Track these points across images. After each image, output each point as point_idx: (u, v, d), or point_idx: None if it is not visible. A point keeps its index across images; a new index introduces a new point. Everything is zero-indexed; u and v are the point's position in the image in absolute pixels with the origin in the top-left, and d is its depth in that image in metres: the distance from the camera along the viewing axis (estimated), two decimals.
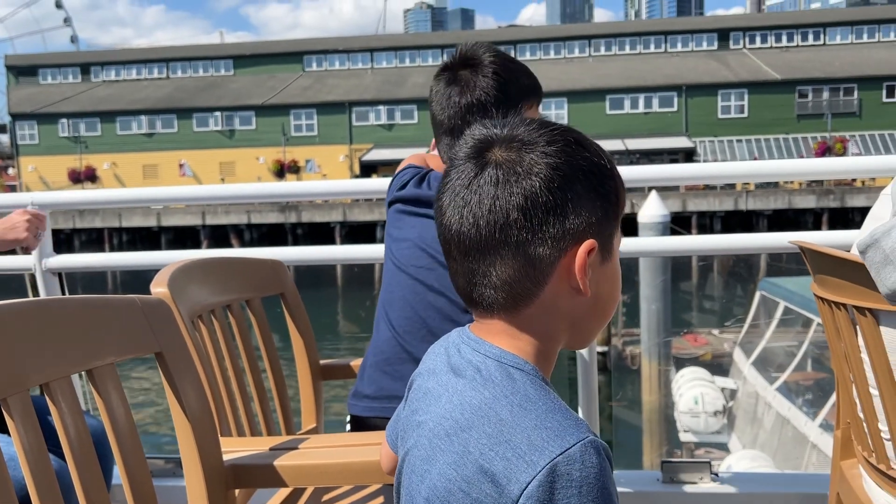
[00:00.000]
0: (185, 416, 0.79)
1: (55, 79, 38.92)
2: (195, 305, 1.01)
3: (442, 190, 0.62)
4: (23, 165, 35.48)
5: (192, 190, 1.63)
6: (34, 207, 1.51)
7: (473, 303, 0.61)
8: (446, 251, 0.62)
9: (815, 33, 35.81)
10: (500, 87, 1.10)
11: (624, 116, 32.56)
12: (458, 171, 0.61)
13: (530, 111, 1.14)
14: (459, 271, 0.61)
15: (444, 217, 0.61)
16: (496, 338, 0.61)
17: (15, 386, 0.66)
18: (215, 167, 34.28)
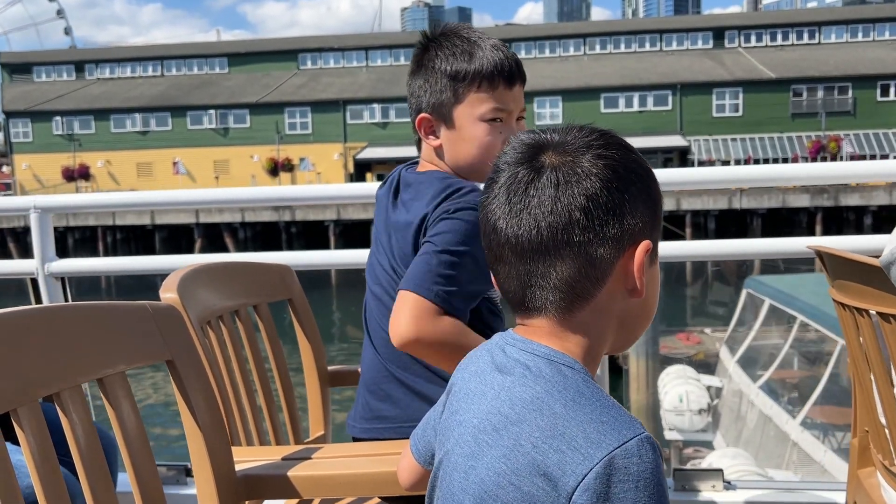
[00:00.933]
0: (197, 425, 0.77)
1: (49, 76, 38.66)
2: (204, 311, 0.99)
3: (490, 195, 0.63)
4: (17, 163, 35.24)
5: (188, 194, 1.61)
6: (37, 212, 1.48)
7: (523, 305, 0.62)
8: (496, 255, 0.62)
9: (811, 32, 35.95)
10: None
11: (619, 115, 32.61)
12: (509, 175, 0.61)
13: (473, 98, 1.05)
14: (513, 274, 0.61)
15: (498, 222, 0.61)
16: (544, 339, 0.61)
17: (25, 396, 0.64)
18: (209, 165, 34.14)
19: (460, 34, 1.07)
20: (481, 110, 1.04)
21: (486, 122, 1.04)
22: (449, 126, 1.06)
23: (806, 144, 30.99)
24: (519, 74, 1.07)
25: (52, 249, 1.53)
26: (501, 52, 1.05)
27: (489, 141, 1.05)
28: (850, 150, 30.36)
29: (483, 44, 1.05)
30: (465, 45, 1.05)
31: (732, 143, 32.04)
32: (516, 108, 1.07)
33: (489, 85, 1.04)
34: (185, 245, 25.47)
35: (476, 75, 1.04)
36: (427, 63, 1.06)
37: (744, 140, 32.05)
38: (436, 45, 1.07)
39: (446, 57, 1.05)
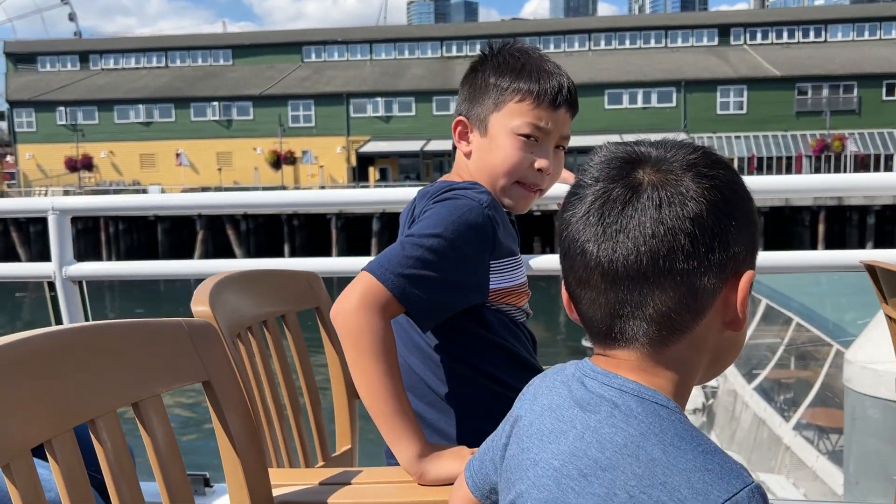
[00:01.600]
0: (234, 448, 0.75)
1: (54, 66, 38.57)
2: (235, 322, 0.96)
3: (574, 214, 0.57)
4: (20, 153, 35.20)
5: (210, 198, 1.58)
6: (55, 213, 1.45)
7: (609, 336, 0.57)
8: (581, 279, 0.57)
9: (817, 30, 35.75)
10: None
11: (622, 111, 32.50)
12: (601, 192, 0.56)
13: (512, 108, 1.00)
14: (600, 301, 0.56)
15: (588, 244, 0.55)
16: (631, 373, 0.56)
17: (58, 426, 0.61)
18: (212, 157, 34.08)
19: (519, 51, 1.04)
20: (516, 122, 0.99)
21: (519, 136, 0.99)
22: (482, 132, 1.02)
23: (810, 143, 30.86)
24: (568, 100, 1.01)
25: (70, 252, 1.49)
26: (556, 75, 1.01)
27: (517, 157, 0.99)
28: (854, 149, 30.23)
29: (542, 63, 1.02)
30: (521, 59, 1.02)
31: (736, 140, 31.92)
32: (556, 133, 1.02)
33: (532, 98, 0.99)
34: (187, 236, 25.45)
35: (520, 85, 0.99)
36: (478, 71, 1.03)
37: (748, 138, 31.93)
38: (492, 57, 1.04)
39: (497, 66, 1.02)
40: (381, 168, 34.01)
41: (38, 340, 0.62)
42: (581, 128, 34.06)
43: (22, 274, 1.55)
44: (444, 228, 0.89)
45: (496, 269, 0.96)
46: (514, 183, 1.01)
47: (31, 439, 0.59)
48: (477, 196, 0.94)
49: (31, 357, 0.61)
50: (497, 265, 0.96)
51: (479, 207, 0.92)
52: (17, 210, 1.63)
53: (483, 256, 0.93)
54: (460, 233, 0.89)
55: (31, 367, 0.61)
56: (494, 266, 0.96)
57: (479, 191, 0.96)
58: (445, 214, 0.90)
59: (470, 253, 0.91)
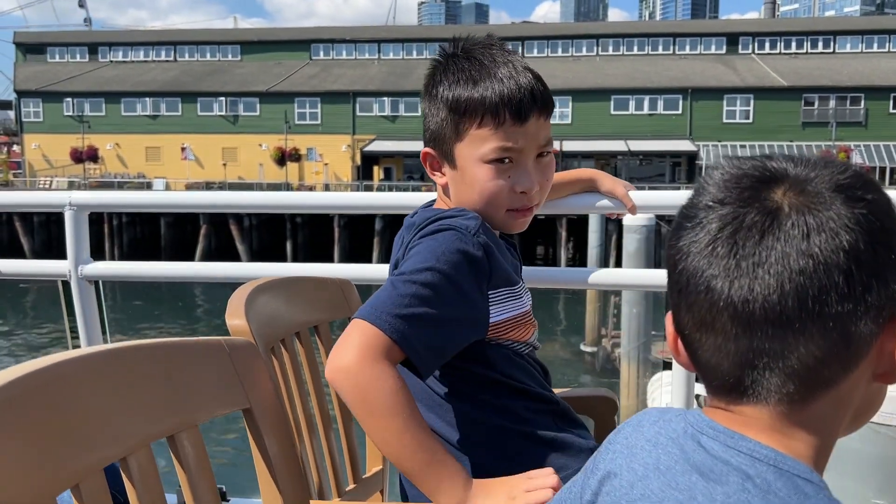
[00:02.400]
0: (276, 482, 0.70)
1: (63, 57, 38.59)
2: (269, 336, 0.90)
3: (695, 243, 0.48)
4: (27, 143, 35.21)
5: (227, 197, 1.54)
6: (72, 209, 1.40)
7: (737, 389, 0.47)
8: (702, 322, 0.47)
9: (825, 41, 35.66)
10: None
11: (628, 117, 32.43)
12: (729, 218, 0.46)
13: (474, 136, 0.88)
14: (728, 349, 0.47)
15: (714, 281, 0.46)
16: (762, 435, 0.46)
17: (86, 467, 0.54)
18: (218, 152, 34.06)
19: (475, 55, 0.90)
20: (483, 150, 0.88)
21: (489, 163, 0.88)
22: (451, 165, 0.91)
23: (815, 154, 30.74)
24: (536, 106, 0.88)
25: (87, 250, 1.43)
26: (514, 81, 0.87)
27: (493, 186, 0.89)
28: (859, 160, 30.15)
29: (496, 69, 0.88)
30: (475, 69, 0.88)
31: (742, 149, 31.83)
32: (532, 146, 0.89)
33: (493, 120, 0.87)
34: (190, 231, 25.42)
35: (477, 108, 0.87)
36: (434, 84, 0.91)
37: (753, 147, 31.82)
38: (447, 64, 0.91)
39: (450, 82, 0.89)
40: (386, 167, 33.98)
41: (66, 367, 0.55)
42: (586, 133, 33.88)
43: (36, 272, 1.49)
44: (436, 261, 0.81)
45: (495, 300, 0.87)
46: (505, 211, 0.92)
47: (57, 485, 0.51)
48: (465, 223, 0.86)
49: (58, 387, 0.54)
50: (495, 296, 0.87)
51: (469, 235, 0.85)
52: (33, 204, 1.58)
53: (480, 287, 0.85)
54: (453, 263, 0.81)
55: (58, 399, 0.53)
56: (493, 297, 0.87)
57: (468, 217, 0.87)
58: (435, 246, 0.83)
59: (466, 284, 0.83)
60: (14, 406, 0.49)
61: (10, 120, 39.72)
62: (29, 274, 1.51)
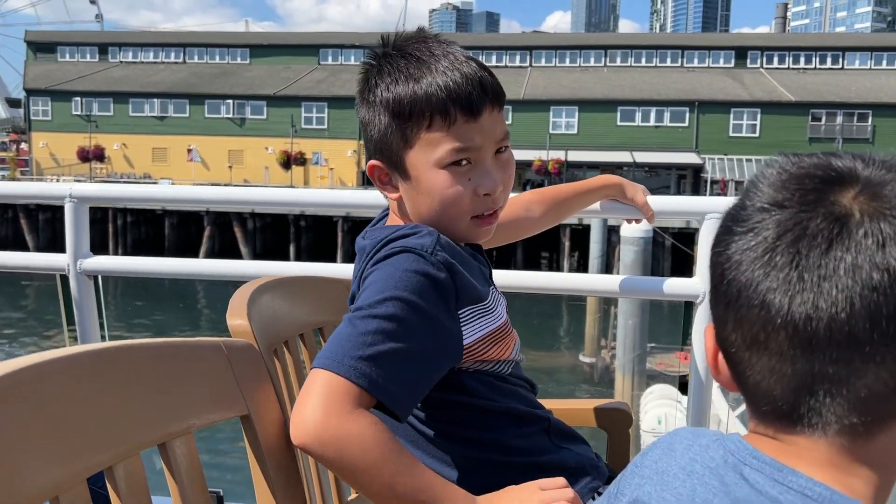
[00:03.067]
0: (273, 494, 0.65)
1: (73, 57, 38.88)
2: (272, 337, 0.85)
3: (747, 251, 0.42)
4: (34, 141, 35.42)
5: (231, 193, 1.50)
6: (73, 201, 1.37)
7: (791, 417, 0.42)
8: (758, 341, 0.42)
9: (834, 57, 35.66)
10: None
11: (634, 129, 32.45)
12: (789, 224, 0.41)
13: (425, 140, 0.79)
14: (784, 372, 0.41)
15: (771, 294, 0.41)
16: (816, 469, 0.41)
17: (70, 478, 0.49)
18: (224, 154, 34.18)
19: (409, 50, 0.80)
20: (437, 154, 0.78)
21: (445, 168, 0.79)
22: (403, 176, 0.82)
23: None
24: (487, 98, 0.79)
25: (87, 244, 1.38)
26: (458, 73, 0.77)
27: (454, 193, 0.79)
28: None
29: (435, 62, 0.78)
30: (412, 66, 0.78)
31: (748, 163, 31.79)
32: (489, 142, 0.80)
33: (443, 119, 0.77)
34: (194, 232, 25.47)
35: (423, 108, 0.77)
36: (369, 88, 0.82)
37: (759, 161, 31.76)
38: (380, 65, 0.81)
39: (388, 83, 0.79)
40: None
41: (49, 367, 0.50)
42: (591, 143, 33.87)
43: (34, 265, 1.46)
44: (395, 288, 0.72)
45: (465, 319, 0.80)
46: (469, 219, 0.82)
47: (33, 498, 0.46)
48: (420, 242, 0.77)
49: (39, 389, 0.49)
50: (465, 315, 0.80)
51: (428, 254, 0.76)
52: (33, 195, 1.54)
53: (448, 309, 0.77)
54: (415, 288, 0.73)
55: (36, 402, 0.48)
56: (463, 316, 0.79)
57: (422, 234, 0.78)
58: (391, 272, 0.74)
59: (433, 309, 0.74)
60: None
61: (20, 118, 39.99)
62: (27, 267, 1.47)
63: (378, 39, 0.85)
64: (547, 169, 30.15)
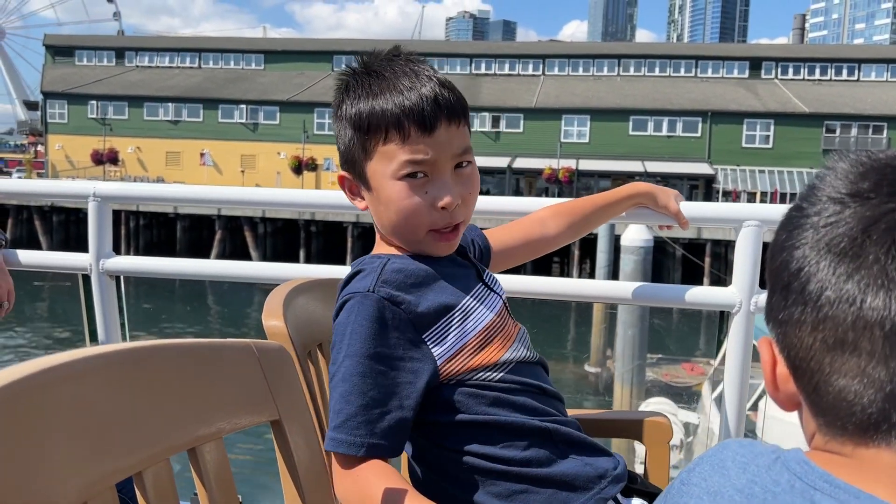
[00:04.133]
0: (302, 501, 0.63)
1: (91, 61, 39.44)
2: (308, 339, 0.84)
3: (823, 243, 0.40)
4: (50, 143, 35.90)
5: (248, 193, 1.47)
6: (96, 200, 1.36)
7: (879, 427, 0.38)
8: (844, 341, 0.39)
9: (850, 68, 35.41)
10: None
11: (646, 138, 32.36)
12: (875, 213, 0.39)
13: (381, 153, 0.82)
14: (877, 378, 0.38)
15: (863, 295, 0.38)
16: (893, 489, 0.37)
17: (97, 482, 0.47)
18: (236, 159, 34.45)
19: (375, 68, 0.85)
20: (392, 166, 0.81)
21: (401, 179, 0.81)
22: (367, 187, 0.85)
23: None
24: (442, 113, 0.81)
25: (110, 244, 1.39)
26: (415, 92, 0.81)
27: (410, 204, 0.81)
28: None
29: (396, 80, 0.82)
30: (375, 83, 0.83)
31: (760, 174, 31.58)
32: (445, 156, 0.82)
33: (398, 133, 0.80)
34: (206, 236, 25.64)
35: (379, 122, 0.80)
36: (339, 103, 0.86)
37: (772, 173, 31.56)
38: (349, 81, 0.86)
39: (352, 99, 0.84)
40: None
41: (82, 365, 0.47)
42: (603, 152, 33.76)
43: (57, 264, 1.45)
44: (348, 345, 0.75)
45: (434, 337, 0.79)
46: (426, 232, 0.83)
47: (64, 501, 0.44)
48: (361, 284, 0.79)
49: (71, 388, 0.47)
50: (433, 334, 0.79)
51: (365, 296, 0.77)
52: (57, 194, 1.54)
53: (407, 339, 0.77)
54: (363, 338, 0.75)
55: (66, 402, 0.46)
56: (430, 336, 0.79)
57: (364, 274, 0.80)
58: (340, 329, 0.77)
59: (387, 348, 0.76)
60: (12, 409, 0.42)
61: (38, 120, 40.62)
62: (49, 266, 1.47)
63: (391, 46, 0.89)
64: (557, 177, 30.11)
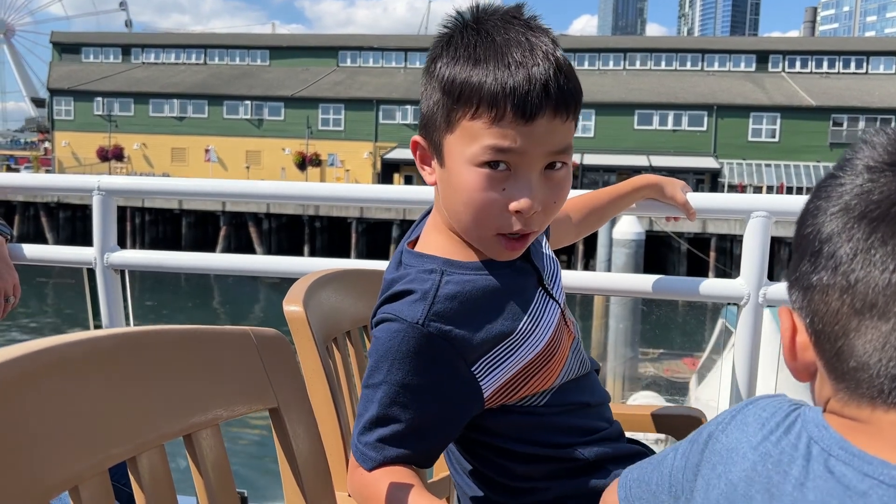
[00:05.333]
0: (302, 491, 0.62)
1: (97, 58, 39.58)
2: (331, 327, 0.83)
3: (856, 213, 0.40)
4: (57, 140, 36.07)
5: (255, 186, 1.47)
6: (101, 194, 1.36)
7: (892, 392, 0.38)
8: (874, 305, 0.39)
9: (858, 61, 35.11)
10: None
11: (651, 132, 32.22)
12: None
13: (466, 128, 0.71)
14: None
15: (891, 255, 0.38)
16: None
17: (91, 467, 0.47)
18: (241, 155, 34.53)
19: (488, 28, 0.71)
20: (473, 148, 0.69)
21: (479, 167, 0.70)
22: (440, 161, 0.74)
23: None
24: (549, 102, 0.68)
25: (115, 237, 1.39)
26: (525, 69, 0.68)
27: (481, 199, 0.70)
28: None
29: (508, 50, 0.69)
30: (482, 47, 0.70)
31: (766, 168, 31.40)
32: (538, 151, 0.69)
33: (489, 111, 0.68)
34: (211, 231, 25.73)
35: (472, 93, 0.68)
36: (434, 59, 0.74)
37: (778, 167, 31.38)
38: (452, 35, 0.73)
39: (450, 58, 0.71)
40: (406, 175, 34.14)
41: (71, 350, 0.47)
42: (608, 147, 33.61)
43: (62, 258, 1.45)
44: (388, 370, 0.70)
45: (483, 369, 0.73)
46: (493, 235, 0.73)
47: (52, 488, 0.44)
48: (410, 311, 0.71)
49: (61, 373, 0.46)
50: (482, 365, 0.73)
51: (414, 329, 0.70)
52: (62, 188, 1.54)
53: (452, 372, 0.72)
54: (406, 369, 0.69)
55: (58, 387, 0.46)
56: (478, 368, 0.73)
57: (414, 298, 0.71)
58: (381, 350, 0.71)
59: (430, 380, 0.70)
60: (3, 393, 0.42)
61: (45, 117, 40.91)
62: (54, 261, 1.47)
63: (396, 42, 0.80)
64: None
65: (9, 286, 1.26)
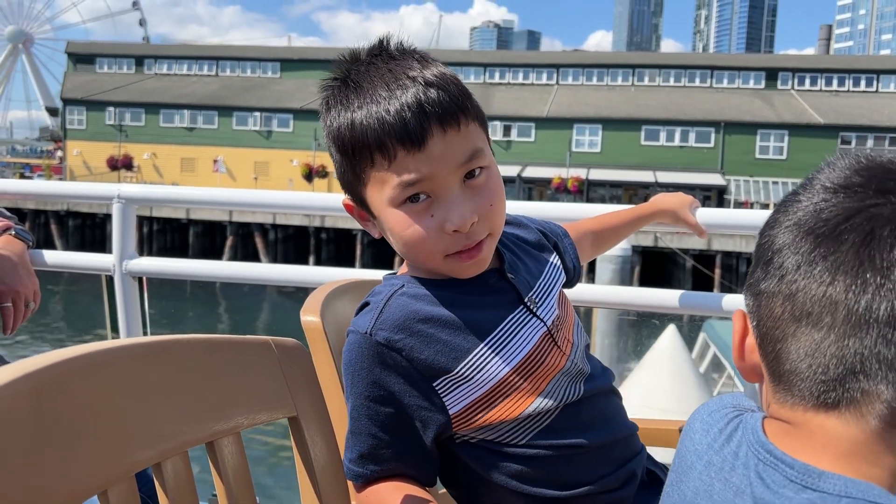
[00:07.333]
0: (320, 499, 0.63)
1: (111, 68, 40.10)
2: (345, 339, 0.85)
3: (806, 228, 0.43)
4: (69, 149, 36.48)
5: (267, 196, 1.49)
6: (120, 202, 1.38)
7: (829, 398, 0.40)
8: (809, 315, 0.41)
9: (868, 80, 35.08)
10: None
11: (658, 148, 32.23)
12: (857, 207, 0.42)
13: (373, 178, 0.71)
14: (830, 352, 0.40)
15: (830, 270, 0.41)
16: (839, 460, 0.39)
17: (117, 472, 0.48)
18: (250, 166, 34.78)
19: (351, 73, 0.72)
20: (387, 192, 0.69)
21: (399, 207, 0.70)
22: (371, 214, 0.75)
23: None
24: (429, 122, 0.67)
25: (133, 245, 1.41)
26: (395, 102, 0.67)
27: (414, 233, 0.70)
28: None
29: (374, 89, 0.69)
30: (353, 93, 0.70)
31: (773, 186, 31.31)
32: (446, 170, 0.68)
33: (382, 155, 0.67)
34: (218, 241, 25.87)
35: (361, 146, 0.68)
36: (323, 118, 0.74)
37: (785, 184, 31.28)
38: (330, 91, 0.73)
39: (333, 118, 0.72)
40: None
41: (101, 357, 0.49)
42: (614, 162, 33.55)
43: (80, 265, 1.47)
44: (351, 384, 0.70)
45: (444, 388, 0.70)
46: (444, 258, 0.72)
47: (82, 491, 0.45)
48: (361, 322, 0.71)
49: (91, 379, 0.48)
50: (443, 382, 0.70)
51: (364, 339, 0.69)
52: (82, 195, 1.57)
53: (409, 388, 0.69)
54: (364, 381, 0.69)
55: (89, 393, 0.47)
56: (440, 386, 0.70)
57: (367, 310, 0.72)
58: (344, 364, 0.71)
59: (391, 394, 0.69)
60: (37, 398, 0.42)
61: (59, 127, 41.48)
62: (74, 267, 1.49)
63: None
64: (566, 187, 30.03)
65: (29, 292, 1.28)
